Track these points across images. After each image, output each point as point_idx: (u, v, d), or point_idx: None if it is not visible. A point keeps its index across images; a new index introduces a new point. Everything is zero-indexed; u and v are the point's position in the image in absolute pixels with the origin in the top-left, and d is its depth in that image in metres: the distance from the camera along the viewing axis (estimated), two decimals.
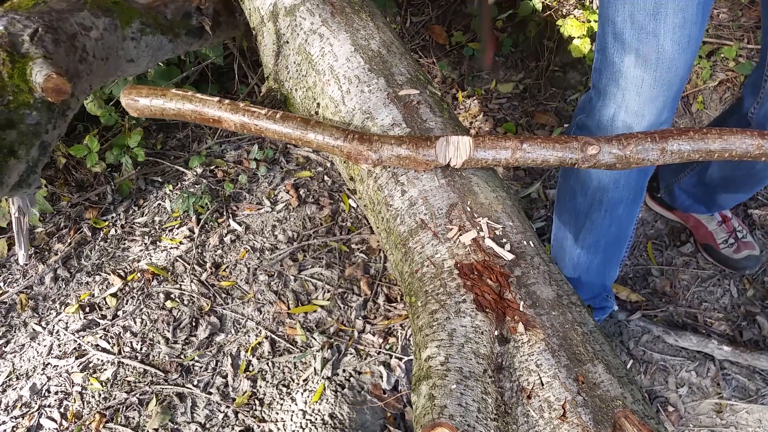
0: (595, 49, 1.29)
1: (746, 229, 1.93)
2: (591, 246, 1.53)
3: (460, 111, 2.55)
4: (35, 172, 1.12)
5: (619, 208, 1.43)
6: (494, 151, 0.98)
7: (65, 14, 1.15)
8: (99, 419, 1.80)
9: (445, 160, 0.99)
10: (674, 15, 1.09)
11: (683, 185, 1.86)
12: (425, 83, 1.20)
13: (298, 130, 1.01)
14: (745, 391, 1.68)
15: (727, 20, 2.51)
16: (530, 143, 0.98)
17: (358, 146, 1.00)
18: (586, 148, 0.97)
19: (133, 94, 1.07)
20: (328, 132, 1.01)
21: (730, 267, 1.91)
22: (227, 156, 2.51)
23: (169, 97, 1.06)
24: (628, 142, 0.98)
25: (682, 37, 1.12)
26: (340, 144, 1.01)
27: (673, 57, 1.13)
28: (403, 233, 1.00)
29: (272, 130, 1.03)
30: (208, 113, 1.05)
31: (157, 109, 1.07)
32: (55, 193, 2.40)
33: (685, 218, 2.00)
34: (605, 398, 0.77)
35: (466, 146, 0.97)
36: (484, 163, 1.00)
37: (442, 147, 0.98)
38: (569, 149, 0.98)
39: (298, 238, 2.19)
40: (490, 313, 0.86)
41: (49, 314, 2.08)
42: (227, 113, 1.04)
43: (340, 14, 1.26)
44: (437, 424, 0.74)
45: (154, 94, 1.06)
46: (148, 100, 1.06)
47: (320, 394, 1.77)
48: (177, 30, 1.48)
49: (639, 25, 1.12)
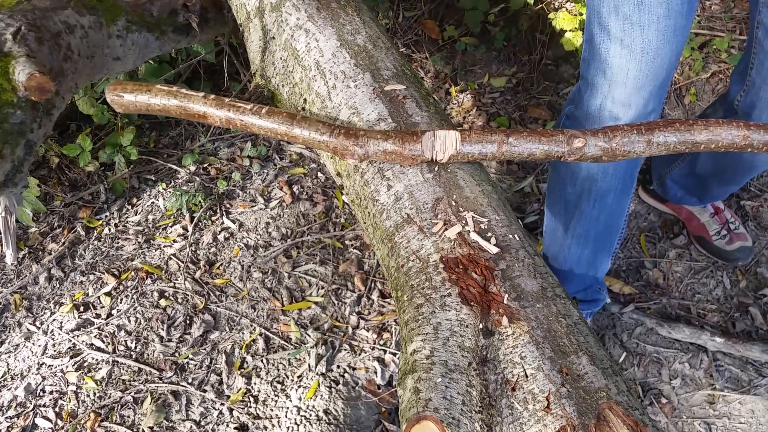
0: (584, 39, 1.29)
1: (738, 221, 1.93)
2: (581, 236, 1.53)
3: (454, 106, 2.55)
4: (21, 171, 1.11)
5: (609, 197, 1.43)
6: (480, 146, 0.98)
7: (49, 12, 1.15)
8: (94, 418, 1.80)
9: (431, 155, 0.99)
10: (658, 5, 1.10)
11: (674, 177, 1.86)
12: (411, 78, 1.19)
13: (283, 126, 1.01)
14: (737, 382, 1.68)
15: (719, 12, 2.50)
16: (516, 137, 0.98)
17: (344, 141, 0.99)
18: (572, 141, 0.97)
19: (118, 89, 1.07)
20: (314, 127, 1.01)
21: (723, 258, 1.91)
22: (220, 153, 2.50)
23: (154, 92, 1.06)
24: (614, 134, 0.98)
25: (666, 27, 1.12)
26: (326, 139, 1.00)
27: (659, 47, 1.14)
28: (389, 228, 1.00)
29: (258, 126, 1.03)
30: (193, 109, 1.04)
31: (143, 105, 1.07)
32: (49, 192, 2.40)
33: (678, 210, 2.00)
34: (589, 390, 0.77)
35: (452, 141, 0.97)
36: (470, 157, 1.00)
37: (428, 141, 0.98)
38: (555, 142, 0.98)
39: (291, 235, 2.19)
40: (475, 307, 0.86)
41: (44, 314, 2.08)
42: (212, 108, 1.04)
43: (326, 9, 1.26)
44: (422, 417, 0.74)
45: (140, 90, 1.06)
46: (133, 96, 1.06)
47: (314, 390, 1.78)
48: (163, 27, 1.47)
49: (623, 15, 1.12)
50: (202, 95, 1.04)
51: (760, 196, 2.04)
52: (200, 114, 1.04)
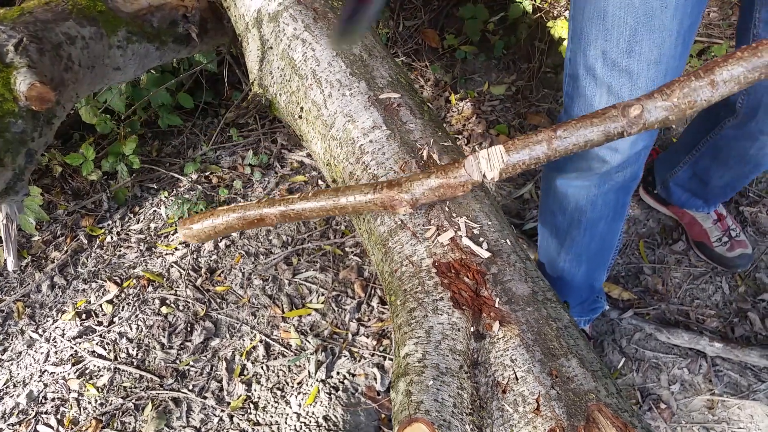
0: (566, 72, 1.20)
1: (739, 228, 1.93)
2: (574, 258, 1.52)
3: (453, 113, 2.57)
4: (22, 179, 1.13)
5: (599, 225, 1.40)
6: (528, 150, 0.89)
7: (50, 24, 1.17)
8: (95, 425, 1.81)
9: (479, 176, 0.92)
10: (649, 52, 1.02)
11: (678, 180, 1.86)
12: (406, 86, 1.21)
13: (330, 200, 1.01)
14: (736, 387, 1.68)
15: (717, 19, 2.52)
16: (564, 128, 0.88)
17: (389, 193, 0.96)
18: (627, 111, 0.85)
19: (187, 223, 1.12)
20: (358, 191, 0.99)
21: (723, 265, 1.90)
22: (222, 162, 2.53)
23: (216, 214, 1.10)
24: (671, 90, 0.85)
25: (657, 73, 1.05)
26: (371, 198, 0.98)
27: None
28: (383, 233, 1.02)
29: (309, 209, 1.03)
30: (251, 215, 1.07)
31: (210, 229, 1.11)
32: (52, 201, 2.43)
33: (681, 214, 2.00)
34: (579, 392, 0.78)
35: (498, 155, 0.90)
36: (522, 165, 0.91)
37: (472, 164, 0.92)
38: (609, 119, 0.86)
39: (292, 243, 2.20)
40: (466, 311, 0.87)
41: (46, 321, 2.10)
42: (266, 209, 1.06)
43: (323, 19, 1.28)
44: (414, 420, 0.75)
45: (204, 217, 1.11)
46: (200, 224, 1.11)
47: (314, 397, 1.78)
48: (164, 38, 1.50)
49: (611, 61, 1.05)
50: (256, 202, 1.08)
51: (759, 201, 2.04)
52: (258, 218, 1.07)
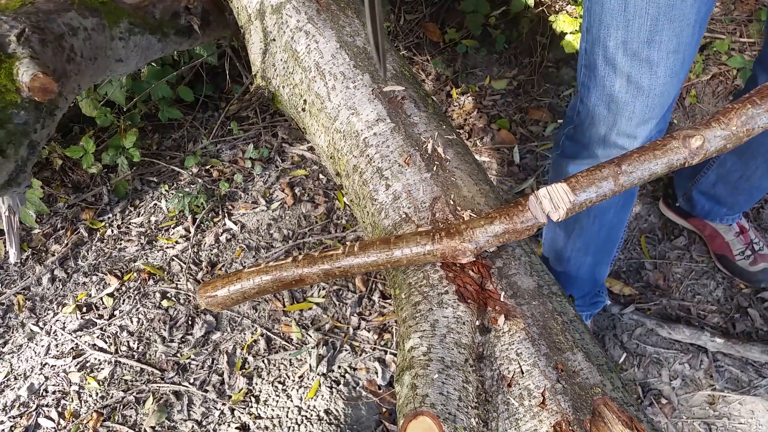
0: (580, 63, 1.21)
1: (763, 241, 1.87)
2: (581, 249, 1.52)
3: (455, 108, 2.56)
4: (24, 171, 1.13)
5: (609, 213, 1.40)
6: (595, 188, 0.85)
7: (52, 15, 1.16)
8: (96, 418, 1.81)
9: (544, 217, 0.88)
10: (669, 41, 1.04)
11: (702, 187, 1.80)
12: (410, 79, 1.21)
13: (383, 254, 0.92)
14: (737, 383, 1.68)
15: (719, 14, 2.51)
16: (628, 162, 0.85)
17: (450, 243, 0.89)
18: (688, 143, 0.85)
19: (209, 290, 0.98)
20: (413, 242, 0.91)
21: (745, 280, 1.84)
22: (223, 155, 2.52)
23: (244, 277, 0.97)
24: (728, 118, 0.86)
25: (675, 61, 1.08)
26: (430, 249, 0.90)
27: (666, 82, 1.09)
28: (387, 227, 1.01)
29: (357, 265, 0.93)
30: (287, 277, 0.95)
31: (238, 294, 0.98)
32: (52, 194, 2.42)
33: (702, 227, 1.93)
34: (584, 386, 0.78)
35: (562, 194, 0.85)
36: (589, 203, 0.87)
37: (535, 206, 0.87)
38: (672, 151, 0.85)
39: (293, 237, 2.20)
40: (471, 304, 0.87)
41: (47, 315, 2.09)
42: (306, 269, 0.94)
43: (326, 11, 1.27)
44: (419, 413, 0.75)
45: (229, 281, 0.98)
46: (225, 290, 0.98)
47: (315, 391, 1.78)
48: (166, 29, 1.49)
49: (632, 51, 1.07)
50: (291, 260, 0.95)
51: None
52: (296, 279, 0.95)
